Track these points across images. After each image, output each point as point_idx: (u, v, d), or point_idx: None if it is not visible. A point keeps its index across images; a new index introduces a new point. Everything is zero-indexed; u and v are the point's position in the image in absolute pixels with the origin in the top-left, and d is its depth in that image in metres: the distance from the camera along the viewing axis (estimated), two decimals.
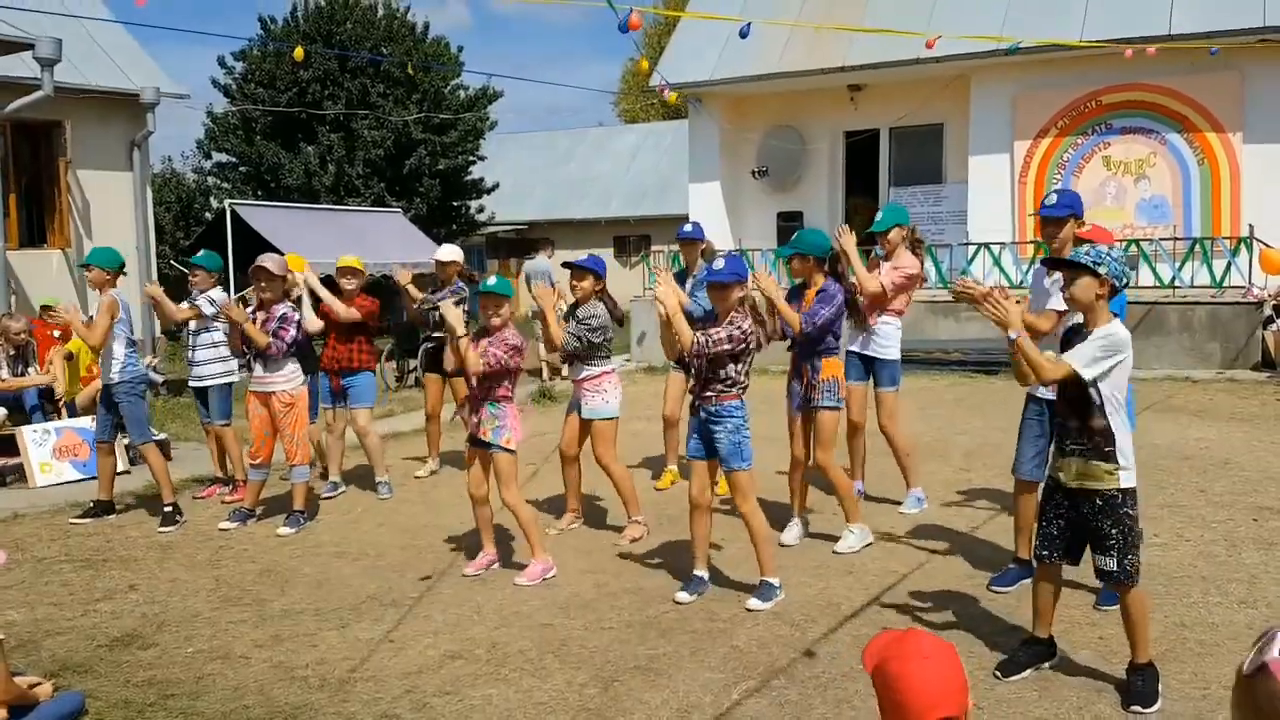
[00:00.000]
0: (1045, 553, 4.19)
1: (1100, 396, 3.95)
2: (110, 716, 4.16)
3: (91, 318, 7.29)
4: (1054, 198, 5.06)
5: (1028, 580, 5.13)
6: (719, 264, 5.20)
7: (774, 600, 5.19)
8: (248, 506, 7.11)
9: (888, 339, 6.70)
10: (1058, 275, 4.58)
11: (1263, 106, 13.93)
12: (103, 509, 7.31)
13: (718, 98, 17.55)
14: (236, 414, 7.99)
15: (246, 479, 7.30)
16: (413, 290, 8.13)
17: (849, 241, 6.17)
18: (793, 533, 6.31)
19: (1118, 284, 3.97)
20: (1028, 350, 3.95)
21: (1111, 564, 3.99)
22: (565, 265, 6.46)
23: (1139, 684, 4.01)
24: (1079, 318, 4.18)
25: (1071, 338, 4.12)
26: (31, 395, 9.01)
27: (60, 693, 4.20)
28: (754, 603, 5.17)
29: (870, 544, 6.10)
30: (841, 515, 6.25)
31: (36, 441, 8.41)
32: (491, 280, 5.77)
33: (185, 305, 7.83)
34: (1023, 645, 4.35)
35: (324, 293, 7.68)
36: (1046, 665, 4.32)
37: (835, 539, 6.15)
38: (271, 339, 6.80)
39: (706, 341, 5.04)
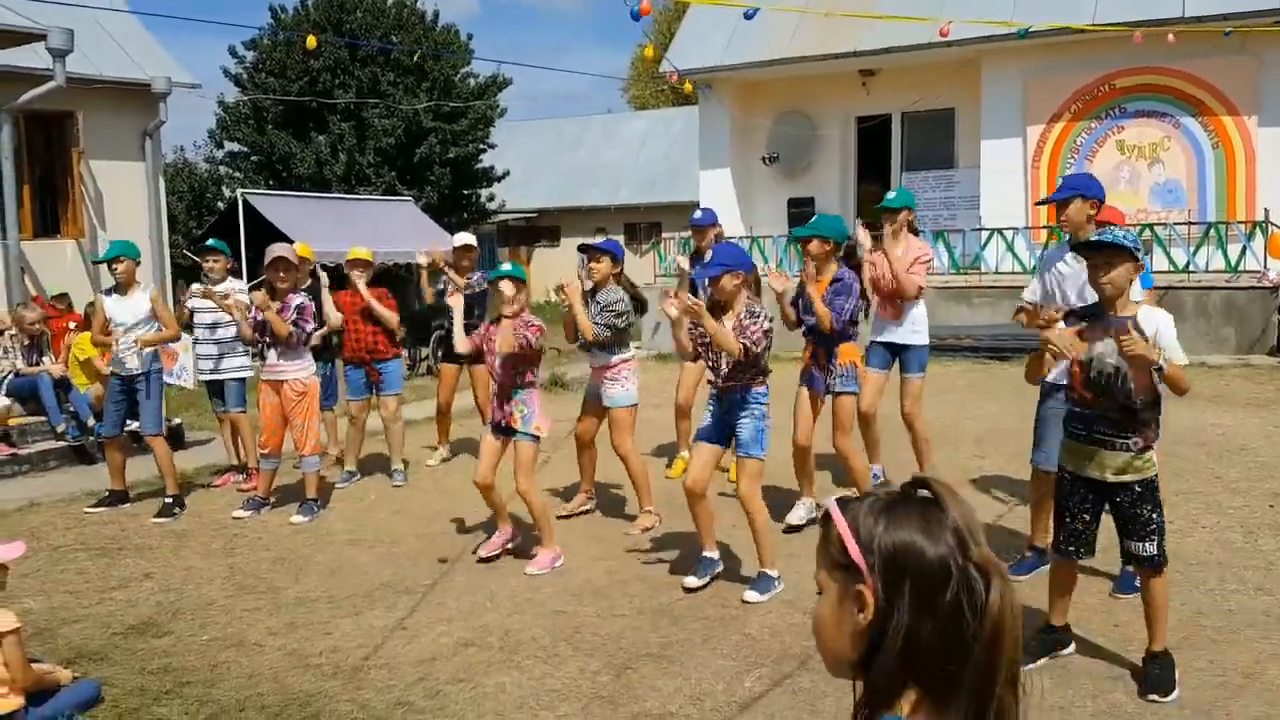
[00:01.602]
0: (1072, 549, 4.15)
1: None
2: (126, 704, 4.19)
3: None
4: (1060, 182, 5.09)
5: (1044, 568, 5.11)
6: (709, 257, 5.19)
7: (771, 593, 5.15)
8: (260, 495, 7.14)
9: (917, 324, 6.66)
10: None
11: (1278, 89, 13.79)
12: (117, 498, 7.36)
13: (728, 83, 17.48)
14: (249, 403, 8.02)
15: (259, 468, 7.34)
16: (438, 260, 8.16)
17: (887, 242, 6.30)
18: (799, 512, 6.29)
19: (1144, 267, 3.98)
20: (1177, 374, 3.80)
21: (1152, 548, 3.97)
22: (581, 248, 6.42)
23: (1156, 671, 3.99)
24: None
25: (1083, 320, 4.03)
26: (48, 389, 9.04)
27: (76, 680, 4.23)
28: (751, 595, 5.13)
29: None
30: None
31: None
32: (506, 266, 5.78)
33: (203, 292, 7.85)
34: (1038, 633, 4.32)
35: (377, 306, 7.80)
36: (1063, 653, 4.30)
37: None
38: (292, 328, 6.83)
39: (752, 346, 5.03)
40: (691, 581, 5.29)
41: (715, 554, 5.42)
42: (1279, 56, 13.63)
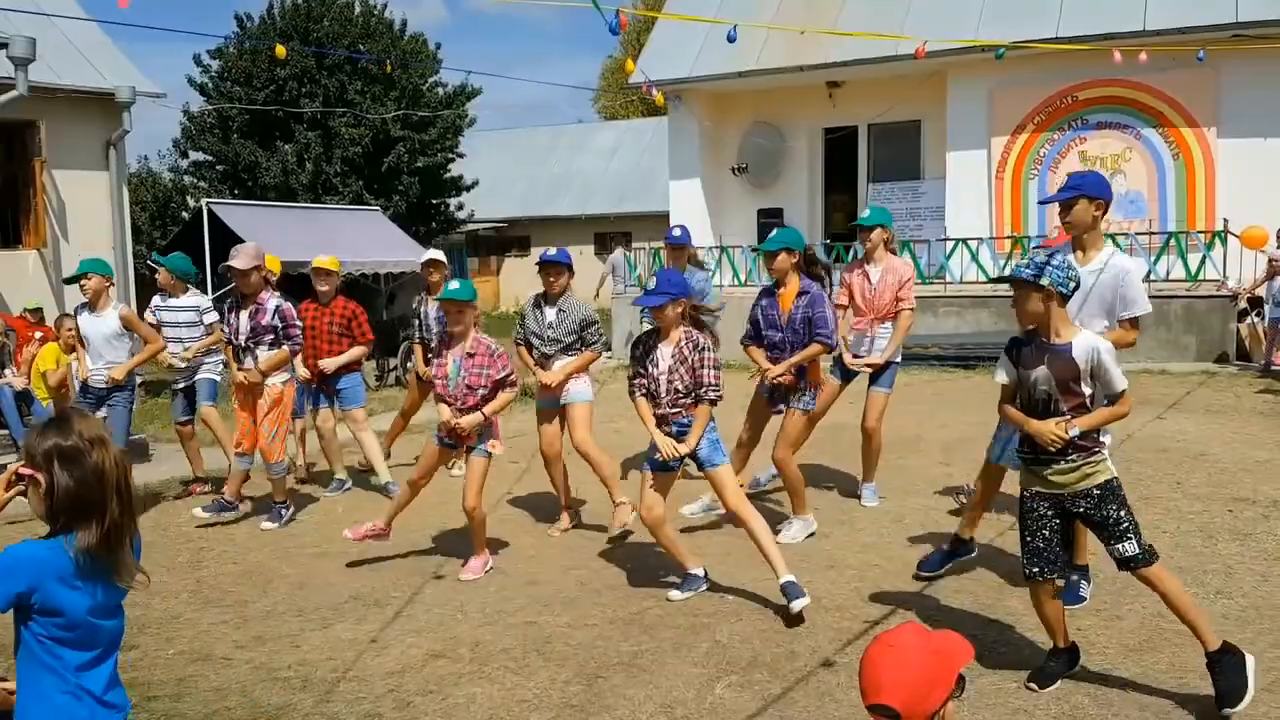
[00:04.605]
0: (1037, 569, 4.05)
1: (1095, 405, 3.98)
2: None
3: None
4: (1064, 180, 4.98)
5: (963, 558, 5.31)
6: (652, 283, 5.17)
7: (802, 597, 4.92)
8: (229, 498, 7.02)
9: (889, 340, 6.71)
10: (1096, 270, 4.63)
11: (1236, 101, 14.07)
12: None
13: (697, 94, 17.57)
14: (224, 410, 7.94)
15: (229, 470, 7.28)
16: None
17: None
18: (698, 506, 6.48)
19: (1064, 291, 3.90)
20: (1099, 421, 3.96)
21: (1132, 548, 3.92)
22: (538, 264, 6.39)
23: (1221, 681, 3.85)
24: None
25: (1022, 347, 4.03)
26: (10, 401, 8.93)
27: None
28: (797, 603, 4.85)
29: (813, 534, 6.14)
30: (826, 510, 6.28)
31: None
32: (454, 285, 5.62)
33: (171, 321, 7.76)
34: (1051, 656, 4.21)
35: (346, 360, 7.74)
36: (1075, 667, 4.23)
37: (818, 535, 6.19)
38: (287, 342, 6.82)
39: (717, 391, 5.06)
40: (675, 595, 5.26)
41: (701, 571, 5.36)
42: (1238, 69, 13.91)
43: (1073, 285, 3.95)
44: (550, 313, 6.30)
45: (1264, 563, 5.50)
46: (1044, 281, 3.86)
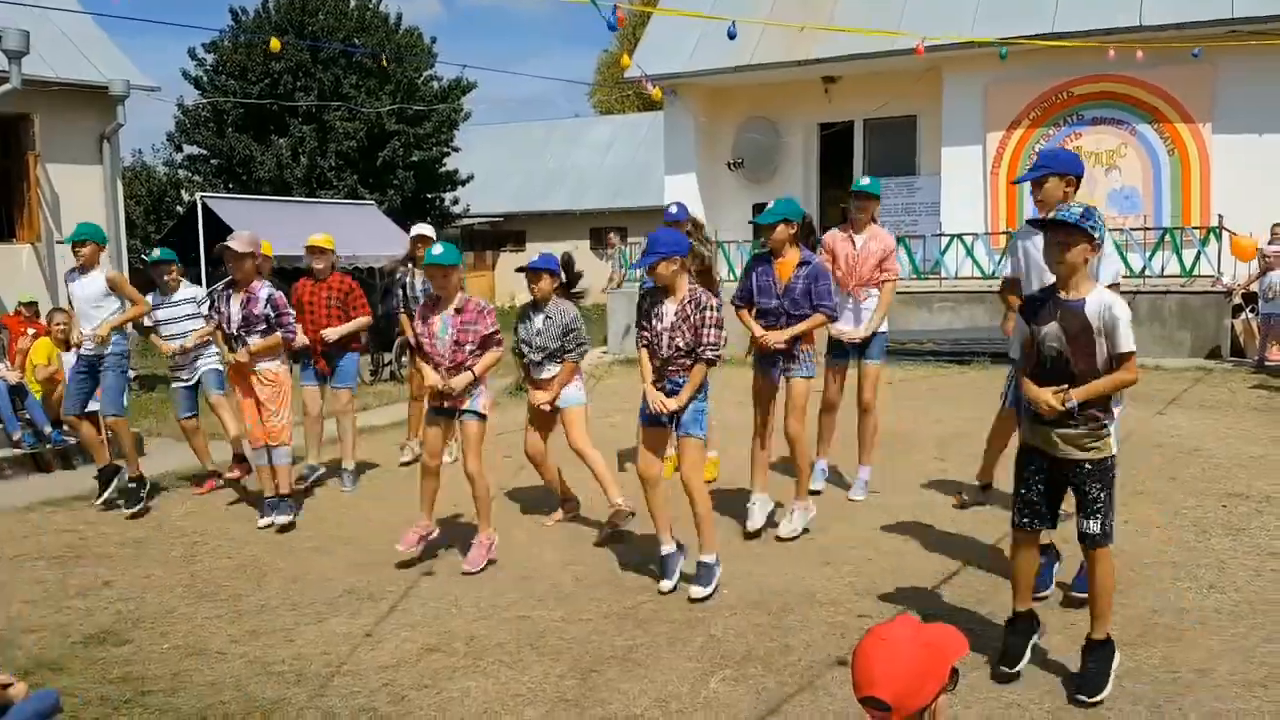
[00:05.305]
0: (1026, 520, 4.14)
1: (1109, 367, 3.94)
2: (86, 714, 4.14)
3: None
4: (1032, 159, 5.09)
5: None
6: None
7: (715, 580, 5.18)
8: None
9: (874, 313, 6.73)
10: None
11: (1232, 97, 14.09)
12: (109, 475, 7.32)
13: (693, 89, 17.56)
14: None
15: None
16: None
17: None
18: (758, 516, 6.14)
19: (1102, 244, 3.94)
20: (1101, 390, 3.89)
21: (1095, 527, 3.97)
22: (519, 270, 6.39)
23: (1091, 666, 3.99)
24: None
25: (1039, 306, 4.03)
26: (3, 395, 8.90)
27: (34, 691, 4.17)
28: (696, 590, 5.12)
29: (812, 516, 6.13)
30: (821, 505, 6.28)
31: None
32: (437, 250, 5.63)
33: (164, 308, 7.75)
34: (1009, 628, 4.25)
35: (349, 329, 7.70)
36: (1036, 637, 4.29)
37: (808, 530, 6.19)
38: (281, 330, 6.77)
39: (716, 350, 5.08)
40: (665, 585, 5.27)
41: (673, 546, 5.37)
42: (1234, 65, 13.92)
43: (1102, 240, 3.96)
44: (538, 319, 6.25)
45: (1257, 558, 5.52)
46: (1096, 234, 3.84)
